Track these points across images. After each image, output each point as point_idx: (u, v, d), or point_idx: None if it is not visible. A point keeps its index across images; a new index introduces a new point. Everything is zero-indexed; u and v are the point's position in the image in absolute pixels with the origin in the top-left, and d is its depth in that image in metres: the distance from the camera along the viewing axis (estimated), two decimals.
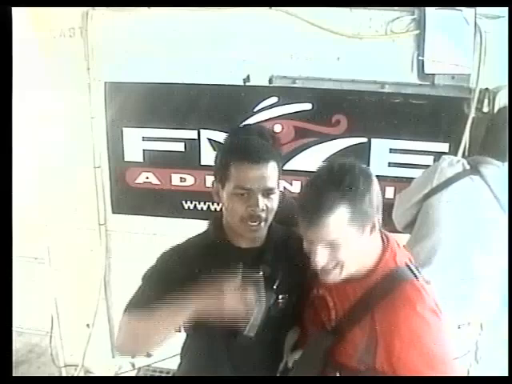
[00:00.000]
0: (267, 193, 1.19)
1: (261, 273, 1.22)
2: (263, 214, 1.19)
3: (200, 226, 1.37)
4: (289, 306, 1.30)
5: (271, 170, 1.19)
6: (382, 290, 1.12)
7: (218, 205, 2.18)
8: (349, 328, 1.16)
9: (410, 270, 1.16)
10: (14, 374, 1.34)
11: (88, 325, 2.71)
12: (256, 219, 1.19)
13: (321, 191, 1.07)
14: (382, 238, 1.20)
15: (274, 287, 1.24)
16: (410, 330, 1.07)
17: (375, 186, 1.12)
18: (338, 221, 1.05)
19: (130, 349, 1.26)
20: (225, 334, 1.22)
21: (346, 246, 1.09)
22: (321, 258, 1.10)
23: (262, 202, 1.18)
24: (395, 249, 1.20)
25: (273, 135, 1.31)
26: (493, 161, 1.75)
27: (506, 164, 1.72)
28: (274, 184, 1.20)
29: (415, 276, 1.15)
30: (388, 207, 2.04)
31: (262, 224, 1.21)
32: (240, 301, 1.13)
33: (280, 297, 1.27)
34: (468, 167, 1.78)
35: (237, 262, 1.20)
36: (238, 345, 1.22)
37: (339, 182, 1.06)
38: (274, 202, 1.21)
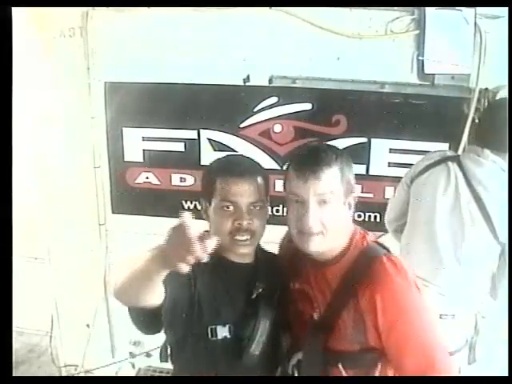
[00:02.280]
0: (253, 206, 1.20)
1: (260, 289, 1.24)
2: (251, 228, 1.20)
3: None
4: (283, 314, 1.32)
5: (256, 184, 1.21)
6: (360, 268, 1.16)
7: None
8: (336, 313, 1.18)
9: (381, 246, 1.22)
10: (14, 374, 1.34)
11: (88, 325, 2.71)
12: (243, 233, 1.20)
13: (318, 149, 1.19)
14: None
15: (274, 303, 1.26)
16: (392, 300, 1.10)
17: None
18: (331, 176, 1.14)
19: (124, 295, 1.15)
20: (228, 356, 1.22)
21: (333, 209, 1.14)
22: (312, 214, 1.13)
23: (248, 215, 1.19)
24: (363, 231, 1.27)
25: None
26: (474, 149, 1.74)
27: (486, 150, 1.70)
28: (259, 197, 1.21)
29: (388, 250, 1.20)
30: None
31: (251, 240, 1.22)
32: None
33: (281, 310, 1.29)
34: (448, 154, 1.81)
35: (232, 277, 1.24)
36: (243, 365, 1.21)
37: (333, 147, 1.23)
38: (260, 217, 1.22)
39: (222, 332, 1.22)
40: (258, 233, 1.23)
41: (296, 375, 1.26)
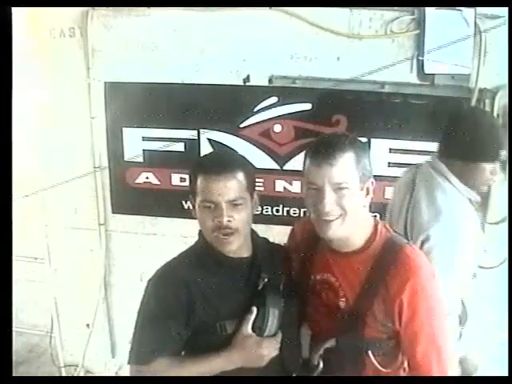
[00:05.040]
0: (233, 203, 1.20)
1: (266, 279, 1.26)
2: (231, 225, 1.20)
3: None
4: (293, 304, 1.33)
5: (235, 181, 1.21)
6: (387, 257, 1.20)
7: None
8: (368, 302, 1.20)
9: (401, 235, 1.29)
10: (14, 374, 1.34)
11: (88, 325, 2.71)
12: (224, 230, 1.20)
13: (332, 138, 1.22)
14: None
15: (281, 290, 1.28)
16: (418, 288, 1.16)
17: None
18: (347, 163, 1.15)
19: None
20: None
21: (349, 194, 1.16)
22: (328, 200, 1.14)
23: (228, 212, 1.19)
24: (383, 222, 1.31)
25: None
26: (456, 162, 1.63)
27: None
28: (239, 194, 1.21)
29: (407, 240, 1.27)
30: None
31: (234, 236, 1.22)
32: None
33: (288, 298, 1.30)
34: (433, 173, 1.68)
35: (232, 272, 1.25)
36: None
37: (346, 135, 1.27)
38: (243, 213, 1.22)
39: (232, 326, 1.24)
40: (240, 229, 1.22)
41: (321, 365, 1.28)
